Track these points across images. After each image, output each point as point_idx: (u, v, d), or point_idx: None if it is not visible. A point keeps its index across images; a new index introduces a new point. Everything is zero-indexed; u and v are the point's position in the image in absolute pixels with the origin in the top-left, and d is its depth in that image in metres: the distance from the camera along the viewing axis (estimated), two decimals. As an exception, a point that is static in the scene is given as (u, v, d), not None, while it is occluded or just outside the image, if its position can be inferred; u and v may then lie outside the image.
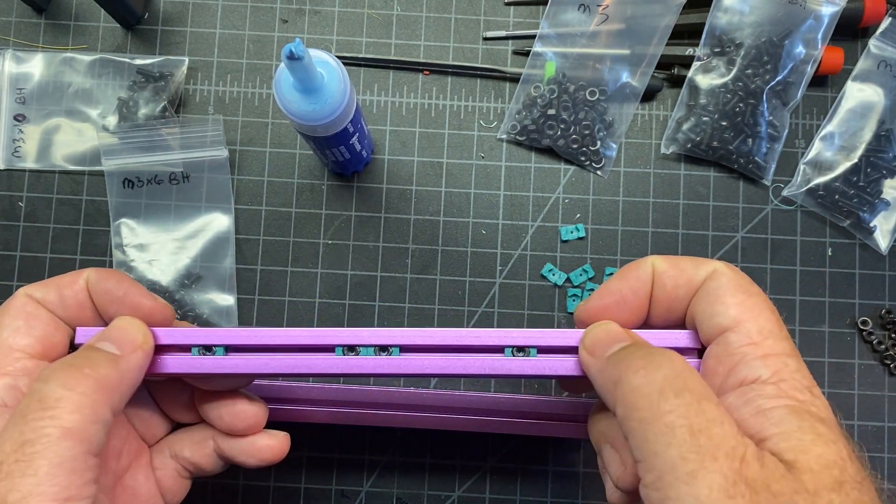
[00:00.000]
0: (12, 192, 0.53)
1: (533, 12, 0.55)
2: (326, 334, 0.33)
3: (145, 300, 0.33)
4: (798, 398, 0.27)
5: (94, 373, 0.28)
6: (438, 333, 0.33)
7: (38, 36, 0.54)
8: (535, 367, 0.33)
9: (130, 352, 0.30)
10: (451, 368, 0.33)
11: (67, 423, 0.26)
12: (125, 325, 0.31)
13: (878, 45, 0.53)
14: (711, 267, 0.31)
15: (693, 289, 0.31)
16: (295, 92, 0.39)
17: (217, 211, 0.53)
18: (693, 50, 0.53)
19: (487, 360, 0.33)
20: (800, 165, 0.53)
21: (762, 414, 0.26)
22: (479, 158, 0.54)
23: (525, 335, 0.33)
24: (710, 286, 0.30)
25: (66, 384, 0.27)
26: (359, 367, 0.33)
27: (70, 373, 0.28)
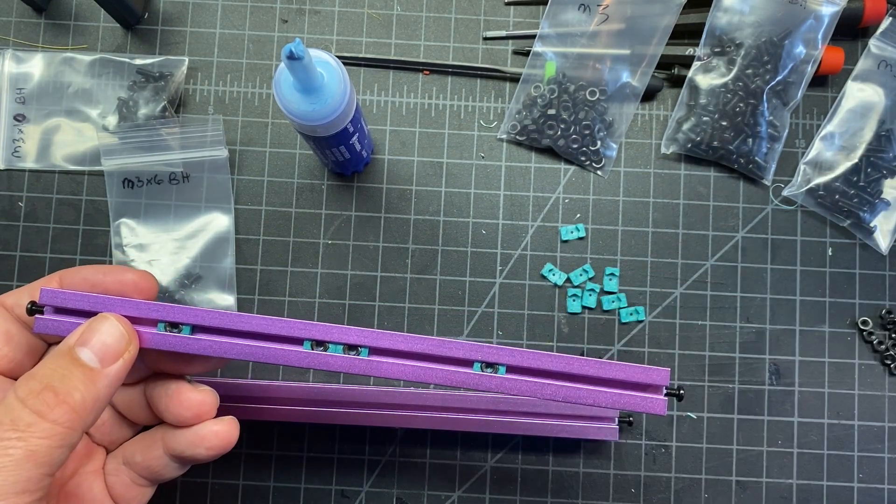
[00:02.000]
0: (12, 191, 0.53)
1: (533, 12, 0.55)
2: (297, 326, 0.33)
3: (127, 274, 0.32)
4: None
5: (70, 399, 0.27)
6: (406, 339, 0.33)
7: (37, 36, 0.54)
8: (502, 385, 0.32)
9: (111, 362, 0.29)
10: (414, 376, 0.32)
11: (33, 446, 0.26)
12: (107, 332, 0.30)
13: (878, 44, 0.53)
14: None
15: None
16: (295, 92, 0.39)
17: (217, 211, 0.52)
18: (693, 50, 0.53)
19: (453, 373, 0.32)
20: (800, 165, 0.53)
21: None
22: (480, 158, 0.54)
23: (496, 351, 0.32)
24: None
25: (39, 410, 0.26)
26: (325, 365, 0.32)
27: (44, 398, 0.27)
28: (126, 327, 0.31)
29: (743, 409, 0.52)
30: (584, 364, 0.32)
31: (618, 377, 0.32)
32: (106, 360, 0.29)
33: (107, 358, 0.29)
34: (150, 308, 0.32)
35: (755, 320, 0.52)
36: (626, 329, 0.52)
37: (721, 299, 0.52)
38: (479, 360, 0.32)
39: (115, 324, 0.30)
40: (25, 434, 0.26)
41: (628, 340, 0.52)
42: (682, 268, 0.53)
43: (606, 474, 0.51)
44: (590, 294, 0.52)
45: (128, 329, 0.31)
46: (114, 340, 0.30)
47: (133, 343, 0.31)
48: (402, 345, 0.33)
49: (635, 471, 0.51)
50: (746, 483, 0.51)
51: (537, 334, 0.52)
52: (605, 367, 0.32)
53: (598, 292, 0.52)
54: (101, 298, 0.32)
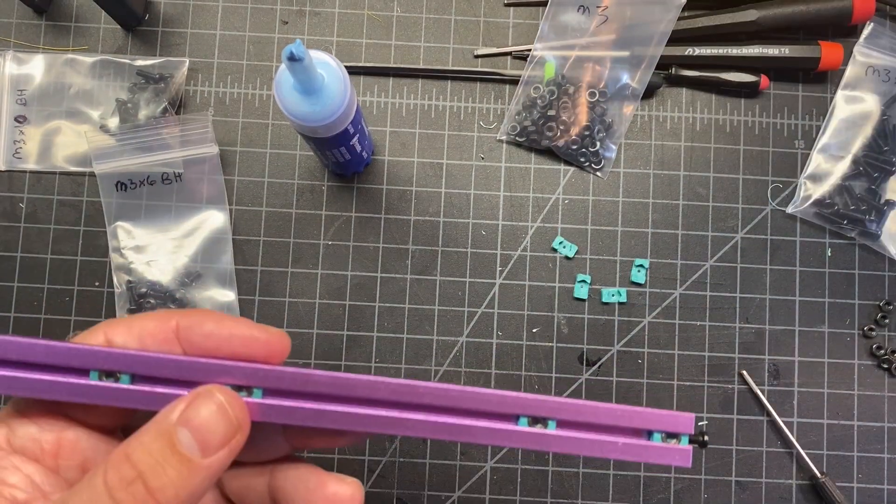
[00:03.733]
0: (13, 193, 0.53)
1: (532, 13, 0.55)
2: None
3: (258, 333, 0.28)
4: None
5: (161, 495, 0.24)
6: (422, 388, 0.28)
7: (38, 37, 0.54)
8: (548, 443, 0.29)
9: (214, 452, 0.25)
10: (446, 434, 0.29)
11: None
12: (211, 413, 0.25)
13: (863, 51, 0.53)
14: None
15: None
16: (295, 93, 0.39)
17: (212, 208, 0.53)
18: (693, 50, 0.53)
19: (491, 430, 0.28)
20: (800, 181, 0.53)
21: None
22: (479, 159, 0.54)
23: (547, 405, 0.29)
24: None
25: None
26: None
27: (134, 491, 0.23)
28: (235, 406, 0.26)
29: (742, 410, 0.52)
30: (600, 411, 0.29)
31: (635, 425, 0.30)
32: (208, 449, 0.25)
33: (209, 446, 0.25)
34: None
35: (754, 321, 0.52)
36: (626, 329, 0.52)
37: (720, 300, 0.53)
38: (523, 413, 0.29)
39: (223, 403, 0.25)
40: None
41: (628, 341, 0.52)
42: (681, 268, 0.53)
43: (606, 475, 0.51)
44: (581, 285, 0.52)
45: (238, 408, 0.26)
46: (219, 425, 0.25)
47: (242, 429, 0.26)
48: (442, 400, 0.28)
49: (635, 471, 0.51)
50: (746, 483, 0.51)
51: (537, 335, 0.52)
52: (625, 415, 0.29)
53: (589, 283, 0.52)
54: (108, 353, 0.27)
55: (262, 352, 0.28)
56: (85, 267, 0.52)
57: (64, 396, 0.27)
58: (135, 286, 0.51)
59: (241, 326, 0.28)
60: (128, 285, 0.51)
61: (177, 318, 0.28)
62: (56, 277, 0.52)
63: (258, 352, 0.28)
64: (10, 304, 0.52)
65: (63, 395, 0.27)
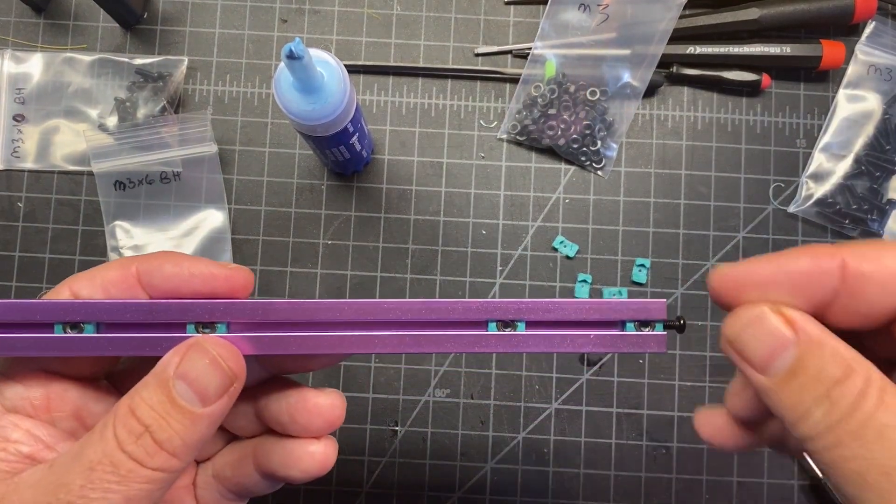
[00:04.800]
0: (11, 192, 0.53)
1: (533, 12, 0.55)
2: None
3: (217, 269, 0.28)
4: None
5: (169, 446, 0.25)
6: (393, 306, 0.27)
7: (37, 36, 0.54)
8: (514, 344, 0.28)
9: (214, 401, 0.26)
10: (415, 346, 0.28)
11: (133, 492, 0.25)
12: (205, 367, 0.26)
13: (864, 50, 0.53)
14: None
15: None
16: (295, 91, 0.39)
17: (211, 207, 0.52)
18: (694, 48, 0.53)
19: (467, 336, 0.28)
20: (801, 180, 0.53)
21: None
22: (480, 158, 0.54)
23: (514, 305, 0.28)
24: None
25: (139, 457, 0.24)
26: None
27: (144, 444, 0.25)
28: (229, 356, 0.26)
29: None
30: (569, 307, 0.28)
31: (609, 317, 0.29)
32: (207, 400, 0.26)
33: (208, 397, 0.26)
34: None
35: (756, 321, 0.52)
36: (627, 329, 0.52)
37: (722, 299, 0.52)
38: (494, 319, 0.28)
39: (215, 357, 0.26)
40: (125, 479, 0.24)
41: (629, 341, 0.52)
42: (682, 268, 0.53)
43: (607, 475, 0.51)
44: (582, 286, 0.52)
45: (231, 359, 0.26)
46: (214, 377, 0.26)
47: (239, 377, 0.27)
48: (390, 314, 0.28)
49: (636, 472, 0.51)
50: (747, 484, 0.51)
51: (538, 335, 0.52)
52: (594, 308, 0.29)
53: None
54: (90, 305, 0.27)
55: (225, 288, 0.29)
56: (83, 266, 0.52)
57: (32, 352, 0.27)
58: (133, 286, 0.51)
59: (200, 265, 0.29)
60: (126, 285, 0.51)
61: (136, 264, 0.29)
62: (54, 277, 0.52)
63: (220, 288, 0.28)
64: (9, 303, 0.52)
65: (31, 350, 0.27)
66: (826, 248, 0.23)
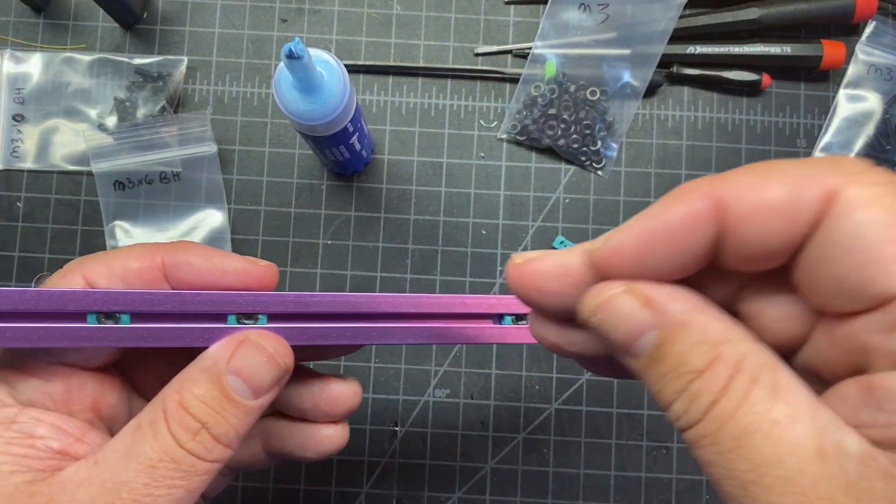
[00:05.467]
0: (11, 192, 0.53)
1: (533, 11, 0.55)
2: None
3: (251, 266, 0.29)
4: None
5: (226, 440, 0.26)
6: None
7: (36, 35, 0.54)
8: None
9: (264, 394, 0.27)
10: None
11: (195, 485, 0.26)
12: (260, 362, 0.26)
13: (865, 50, 0.53)
14: (831, 194, 0.17)
15: (799, 237, 0.18)
16: (294, 91, 0.39)
17: (210, 207, 0.52)
18: (695, 48, 0.53)
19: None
20: None
21: None
22: (480, 158, 0.53)
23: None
24: (839, 231, 0.17)
25: (199, 454, 0.25)
26: None
27: (202, 441, 0.25)
28: (283, 350, 0.27)
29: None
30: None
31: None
32: (259, 392, 0.27)
33: (260, 390, 0.27)
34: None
35: (756, 321, 0.52)
36: (627, 329, 0.52)
37: (722, 300, 0.52)
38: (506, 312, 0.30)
39: (272, 354, 0.27)
40: (188, 474, 0.25)
41: (629, 341, 0.52)
42: (682, 268, 0.53)
43: (607, 475, 0.51)
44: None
45: (284, 353, 0.27)
46: (269, 373, 0.27)
47: (289, 369, 0.28)
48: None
49: (636, 472, 0.51)
50: (748, 484, 0.51)
51: (538, 335, 0.52)
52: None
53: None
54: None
55: (256, 283, 0.29)
56: (83, 266, 0.52)
57: (64, 342, 0.26)
58: (133, 286, 0.51)
59: (232, 261, 0.29)
60: (126, 285, 0.51)
61: (161, 255, 0.28)
62: (54, 277, 0.52)
63: (253, 285, 0.29)
64: (8, 303, 0.52)
65: (63, 340, 0.26)
66: (698, 189, 0.19)
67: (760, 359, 0.18)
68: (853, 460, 0.16)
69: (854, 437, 0.17)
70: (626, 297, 0.20)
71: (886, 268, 0.16)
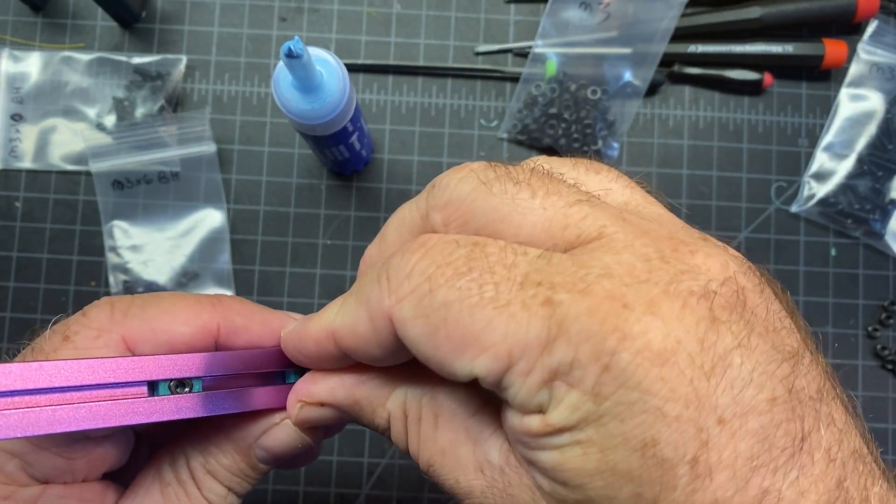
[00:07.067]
0: (9, 192, 0.52)
1: (533, 10, 0.54)
2: None
3: (281, 319, 0.28)
4: None
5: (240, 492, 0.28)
6: None
7: (35, 34, 0.54)
8: None
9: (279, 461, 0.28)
10: None
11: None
12: (288, 442, 0.27)
13: (867, 49, 0.53)
14: (390, 318, 0.21)
15: (388, 348, 0.23)
16: (294, 90, 0.38)
17: (209, 207, 0.52)
18: (696, 47, 0.52)
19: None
20: (803, 179, 0.53)
21: None
22: (480, 158, 0.53)
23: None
24: (405, 339, 0.21)
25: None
26: None
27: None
28: (309, 433, 0.27)
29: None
30: None
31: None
32: (280, 460, 0.27)
33: (281, 459, 0.27)
34: None
35: (758, 321, 0.52)
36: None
37: (723, 300, 0.52)
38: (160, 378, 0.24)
39: (300, 437, 0.27)
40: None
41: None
42: (684, 268, 0.52)
43: (608, 476, 0.51)
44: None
45: (311, 435, 0.27)
46: (294, 446, 0.27)
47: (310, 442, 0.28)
48: None
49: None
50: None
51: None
52: None
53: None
54: None
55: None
56: (81, 266, 0.52)
57: (137, 419, 0.22)
58: (131, 286, 0.51)
59: (281, 318, 0.28)
60: (124, 285, 0.51)
61: (217, 320, 0.26)
62: (52, 277, 0.52)
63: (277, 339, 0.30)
64: (7, 304, 0.52)
65: (135, 417, 0.22)
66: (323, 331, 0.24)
67: (419, 393, 0.23)
68: (496, 470, 0.21)
69: (496, 445, 0.21)
70: (307, 408, 0.25)
71: (441, 368, 0.20)
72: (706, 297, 0.18)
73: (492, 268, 0.19)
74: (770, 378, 0.18)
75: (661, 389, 0.17)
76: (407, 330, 0.20)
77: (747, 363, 0.18)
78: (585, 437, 0.18)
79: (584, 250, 0.20)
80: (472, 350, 0.19)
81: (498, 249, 0.20)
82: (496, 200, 0.21)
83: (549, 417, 0.18)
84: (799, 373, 0.18)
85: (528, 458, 0.20)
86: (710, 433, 0.17)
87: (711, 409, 0.17)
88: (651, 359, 0.17)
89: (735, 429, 0.17)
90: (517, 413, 0.19)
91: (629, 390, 0.17)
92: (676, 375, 0.17)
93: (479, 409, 0.22)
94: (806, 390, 0.18)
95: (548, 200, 0.21)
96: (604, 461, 0.18)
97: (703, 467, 0.17)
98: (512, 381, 0.19)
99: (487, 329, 0.19)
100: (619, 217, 0.21)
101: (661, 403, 0.17)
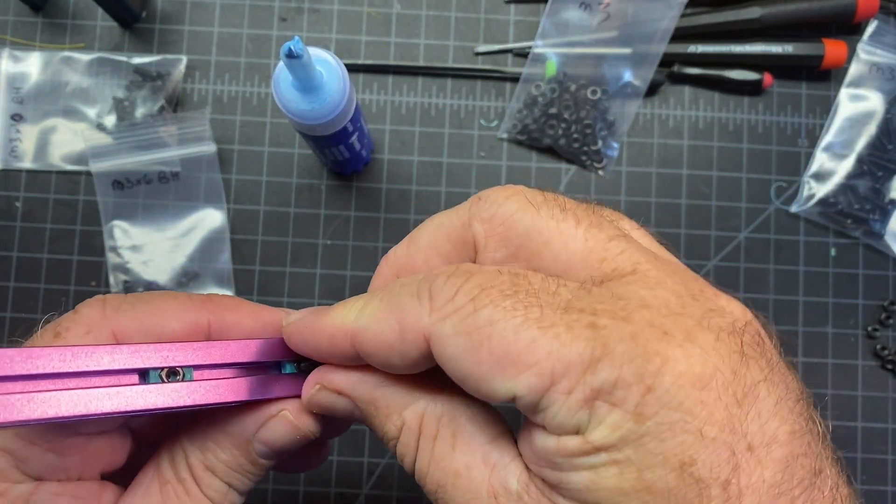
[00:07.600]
0: (9, 192, 0.53)
1: (533, 10, 0.54)
2: None
3: (271, 315, 0.28)
4: None
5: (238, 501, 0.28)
6: None
7: (35, 35, 0.54)
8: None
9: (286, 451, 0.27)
10: None
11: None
12: (288, 438, 0.26)
13: (866, 49, 0.53)
14: (426, 336, 0.22)
15: (417, 360, 0.23)
16: (294, 91, 0.38)
17: (209, 207, 0.52)
18: (696, 47, 0.52)
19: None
20: (803, 179, 0.53)
21: None
22: (480, 158, 0.53)
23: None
24: (440, 358, 0.22)
25: None
26: None
27: (229, 499, 0.27)
28: (309, 425, 0.27)
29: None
30: None
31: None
32: (281, 454, 0.27)
33: (282, 453, 0.27)
34: None
35: (758, 321, 0.52)
36: (628, 330, 0.52)
37: (723, 300, 0.52)
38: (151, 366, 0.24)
39: (298, 426, 0.27)
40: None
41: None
42: (684, 268, 0.52)
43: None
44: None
45: (308, 425, 0.27)
46: (293, 439, 0.26)
47: (312, 433, 0.27)
48: None
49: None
50: (749, 485, 0.51)
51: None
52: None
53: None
54: None
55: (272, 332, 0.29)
56: (81, 266, 0.52)
57: (129, 407, 0.22)
58: (132, 286, 0.51)
59: (273, 313, 0.28)
60: (125, 285, 0.51)
61: (206, 317, 0.26)
62: (53, 277, 0.52)
63: (272, 331, 0.29)
64: (7, 304, 0.52)
65: (122, 405, 0.22)
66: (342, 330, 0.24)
67: (439, 410, 0.23)
68: (513, 498, 0.21)
69: (515, 472, 0.21)
70: (323, 392, 0.25)
71: (478, 386, 0.21)
72: (736, 334, 0.20)
73: (536, 293, 0.20)
74: (790, 412, 0.19)
75: (701, 412, 0.18)
76: (446, 347, 0.21)
77: (772, 396, 0.19)
78: (623, 456, 0.18)
79: (619, 283, 0.21)
80: (515, 367, 0.19)
81: (540, 279, 0.21)
82: (542, 223, 0.22)
83: (590, 436, 0.19)
84: (811, 413, 0.20)
85: (556, 481, 0.20)
86: (740, 458, 0.18)
87: (742, 435, 0.18)
88: (693, 382, 0.18)
89: (762, 456, 0.18)
90: (551, 435, 0.20)
91: (671, 410, 0.18)
92: (714, 400, 0.18)
93: (498, 437, 0.23)
94: (817, 429, 0.20)
95: (590, 232, 0.22)
96: (640, 480, 0.18)
97: (734, 490, 0.18)
98: (553, 400, 0.19)
99: (532, 347, 0.19)
100: (652, 256, 0.22)
101: (701, 425, 0.18)
